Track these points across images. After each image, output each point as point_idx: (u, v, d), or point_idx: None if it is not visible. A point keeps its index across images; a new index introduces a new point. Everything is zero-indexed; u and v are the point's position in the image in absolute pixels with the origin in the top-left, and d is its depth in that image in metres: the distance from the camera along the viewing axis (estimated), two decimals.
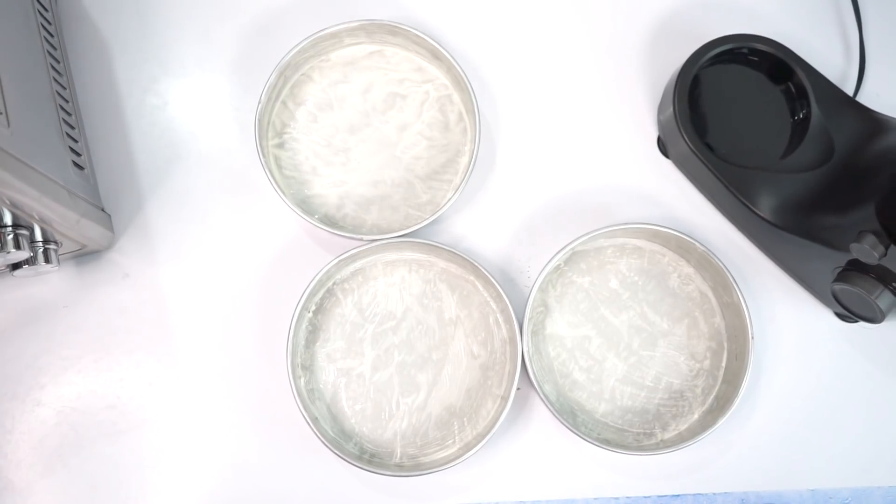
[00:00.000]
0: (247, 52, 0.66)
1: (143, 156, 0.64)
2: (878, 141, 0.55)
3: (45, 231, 0.54)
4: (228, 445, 0.60)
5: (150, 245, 0.62)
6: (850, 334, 0.61)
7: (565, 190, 0.63)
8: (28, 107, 0.54)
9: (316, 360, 0.60)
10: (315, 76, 0.64)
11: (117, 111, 0.64)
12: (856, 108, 0.57)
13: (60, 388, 0.61)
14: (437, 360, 0.60)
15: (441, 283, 0.61)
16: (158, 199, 0.63)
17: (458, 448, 0.58)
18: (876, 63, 0.64)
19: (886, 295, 0.52)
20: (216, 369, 0.61)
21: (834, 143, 0.56)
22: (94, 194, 0.60)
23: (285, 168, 0.62)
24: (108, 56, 0.66)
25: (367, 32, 0.63)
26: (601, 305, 0.61)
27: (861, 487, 0.59)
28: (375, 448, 0.59)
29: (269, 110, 0.62)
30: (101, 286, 0.62)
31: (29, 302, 0.62)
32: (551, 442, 0.60)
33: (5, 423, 0.60)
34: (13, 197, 0.50)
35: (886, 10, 0.65)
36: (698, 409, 0.59)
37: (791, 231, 0.56)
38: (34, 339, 0.61)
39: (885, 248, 0.49)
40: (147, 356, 0.61)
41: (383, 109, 0.63)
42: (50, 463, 0.60)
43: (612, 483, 0.59)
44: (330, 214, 0.62)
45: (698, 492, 0.59)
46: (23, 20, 0.58)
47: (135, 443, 0.60)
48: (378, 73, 0.64)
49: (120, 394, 0.61)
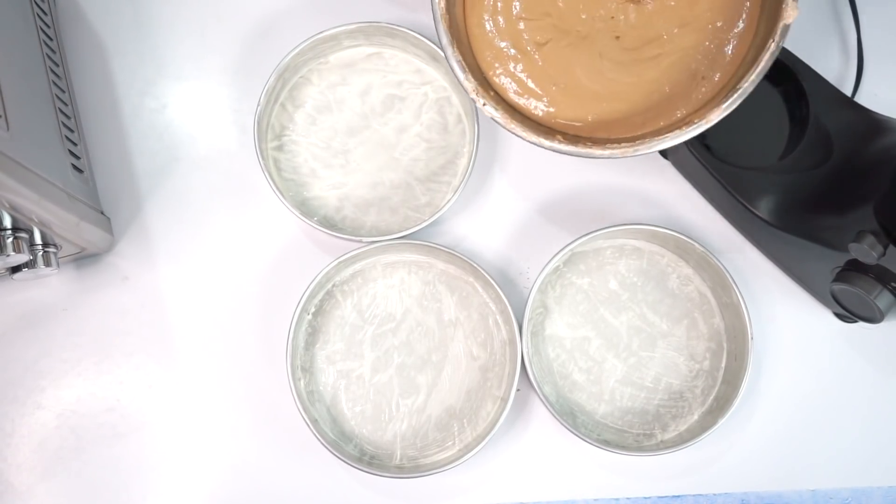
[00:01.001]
0: (245, 54, 0.66)
1: (142, 158, 0.64)
2: (877, 141, 0.55)
3: (45, 234, 0.54)
4: (228, 448, 0.60)
5: (150, 248, 0.63)
6: (850, 334, 0.61)
7: (564, 191, 0.64)
8: (27, 110, 0.54)
9: (315, 362, 0.60)
10: (314, 78, 0.64)
11: (116, 114, 0.65)
12: (854, 108, 0.57)
13: (60, 390, 0.61)
14: (437, 362, 0.60)
15: (440, 284, 0.61)
16: (157, 201, 0.63)
17: (458, 449, 0.58)
18: (874, 63, 0.64)
19: (885, 295, 0.52)
20: (216, 372, 0.61)
21: (832, 144, 0.56)
22: (93, 197, 0.61)
23: (284, 170, 0.63)
24: (107, 59, 0.66)
25: (365, 35, 0.63)
26: (600, 306, 0.61)
27: (861, 487, 0.59)
28: (375, 450, 0.59)
29: (267, 113, 0.62)
30: (100, 289, 0.62)
31: (28, 305, 0.62)
32: (551, 443, 0.60)
33: (5, 426, 0.60)
34: (12, 200, 0.50)
35: (884, 10, 0.65)
36: (698, 410, 0.59)
37: (790, 231, 0.56)
38: (34, 342, 0.61)
39: (884, 248, 0.49)
40: (147, 359, 0.61)
41: (382, 111, 0.63)
42: (50, 466, 0.60)
43: (612, 484, 0.59)
44: (329, 216, 0.62)
45: (698, 492, 0.59)
46: (21, 24, 0.58)
47: (135, 445, 0.60)
48: (377, 76, 0.64)
49: (120, 396, 0.61)
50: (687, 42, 0.54)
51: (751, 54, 0.51)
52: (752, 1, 0.53)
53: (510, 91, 0.54)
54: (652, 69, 0.54)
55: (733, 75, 0.52)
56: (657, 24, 0.54)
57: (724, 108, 0.50)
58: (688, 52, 0.54)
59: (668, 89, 0.54)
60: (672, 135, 0.50)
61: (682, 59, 0.54)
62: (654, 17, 0.54)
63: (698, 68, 0.53)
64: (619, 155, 0.50)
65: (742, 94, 0.49)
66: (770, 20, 0.50)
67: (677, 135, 0.50)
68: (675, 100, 0.53)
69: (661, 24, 0.54)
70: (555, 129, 0.53)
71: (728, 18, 0.53)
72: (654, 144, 0.50)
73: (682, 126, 0.50)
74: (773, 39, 0.49)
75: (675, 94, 0.53)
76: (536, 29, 0.55)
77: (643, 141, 0.50)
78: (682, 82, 0.54)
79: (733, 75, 0.52)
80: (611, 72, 0.54)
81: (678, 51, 0.54)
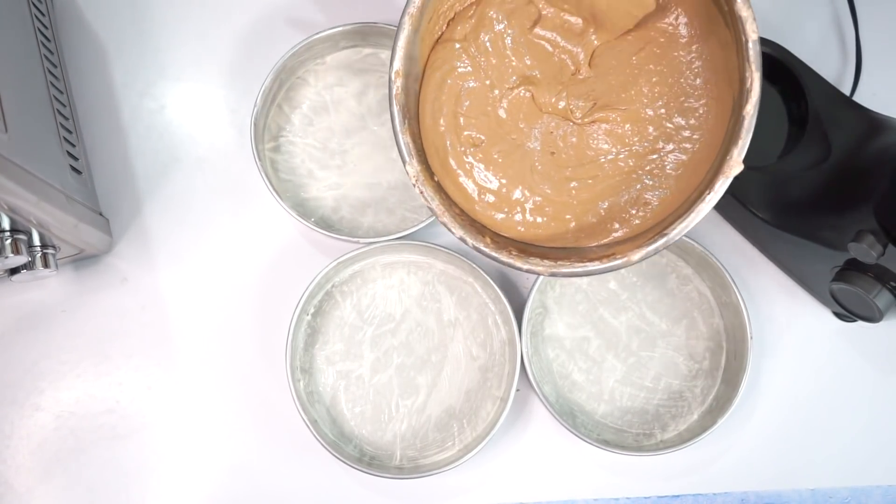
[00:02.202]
0: (242, 55, 0.66)
1: (141, 159, 0.64)
2: (876, 140, 0.55)
3: (43, 235, 0.54)
4: (228, 449, 0.60)
5: (149, 249, 0.63)
6: (849, 334, 0.61)
7: None
8: (25, 111, 0.54)
9: (315, 362, 0.60)
10: (310, 79, 0.64)
11: (114, 115, 0.64)
12: (853, 107, 0.57)
13: (59, 392, 0.61)
14: (437, 362, 0.60)
15: (440, 284, 0.61)
16: (156, 202, 0.63)
17: (457, 450, 0.58)
18: (873, 62, 0.64)
19: (885, 294, 0.52)
20: (215, 373, 0.61)
21: (831, 143, 0.56)
22: (91, 198, 0.60)
23: (281, 171, 0.63)
24: (105, 60, 0.66)
25: (362, 35, 0.63)
26: (600, 306, 0.61)
27: (860, 486, 0.59)
28: (375, 450, 0.59)
29: (264, 114, 0.62)
30: (99, 290, 0.62)
31: (27, 307, 0.62)
32: (551, 443, 0.60)
33: (4, 427, 0.60)
34: (11, 201, 0.50)
35: (883, 8, 0.65)
36: (697, 410, 0.59)
37: (789, 231, 0.56)
38: (33, 343, 0.61)
39: (884, 248, 0.49)
40: (146, 360, 0.61)
41: (378, 112, 0.63)
42: (49, 468, 0.60)
43: (612, 484, 0.59)
44: (326, 217, 0.62)
45: (698, 492, 0.59)
46: (19, 25, 0.58)
47: (134, 447, 0.60)
48: (373, 76, 0.64)
49: (119, 398, 0.61)
50: (625, 168, 0.52)
51: (682, 208, 0.49)
52: (704, 142, 0.51)
53: (449, 184, 0.53)
54: (585, 191, 0.53)
55: (676, 209, 0.50)
56: (595, 146, 0.53)
57: (645, 252, 0.47)
58: (625, 179, 0.52)
59: (602, 213, 0.52)
60: (592, 265, 0.48)
61: (618, 185, 0.52)
62: (593, 138, 0.53)
63: (635, 196, 0.52)
64: (539, 272, 0.49)
65: (667, 241, 0.47)
66: (716, 167, 0.48)
67: (598, 266, 0.48)
68: (608, 223, 0.52)
69: (599, 147, 0.53)
70: (486, 230, 0.52)
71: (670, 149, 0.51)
72: (574, 269, 0.49)
73: (604, 258, 0.48)
74: (711, 190, 0.47)
75: (609, 217, 0.52)
76: (478, 129, 0.53)
77: (564, 263, 0.49)
78: (616, 207, 0.52)
79: (676, 209, 0.50)
80: (543, 186, 0.53)
81: (615, 176, 0.52)
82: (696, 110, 0.51)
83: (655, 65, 0.52)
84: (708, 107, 0.51)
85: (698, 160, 0.51)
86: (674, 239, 0.48)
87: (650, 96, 0.52)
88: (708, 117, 0.51)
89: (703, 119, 0.51)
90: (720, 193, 0.47)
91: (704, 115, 0.51)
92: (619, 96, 0.53)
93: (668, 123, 0.52)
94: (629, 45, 0.53)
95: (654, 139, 0.52)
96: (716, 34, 0.50)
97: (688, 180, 0.51)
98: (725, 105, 0.49)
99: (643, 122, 0.52)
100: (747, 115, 0.46)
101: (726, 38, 0.48)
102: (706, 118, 0.51)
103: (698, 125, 0.51)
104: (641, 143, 0.52)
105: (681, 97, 0.52)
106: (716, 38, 0.50)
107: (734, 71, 0.48)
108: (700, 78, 0.51)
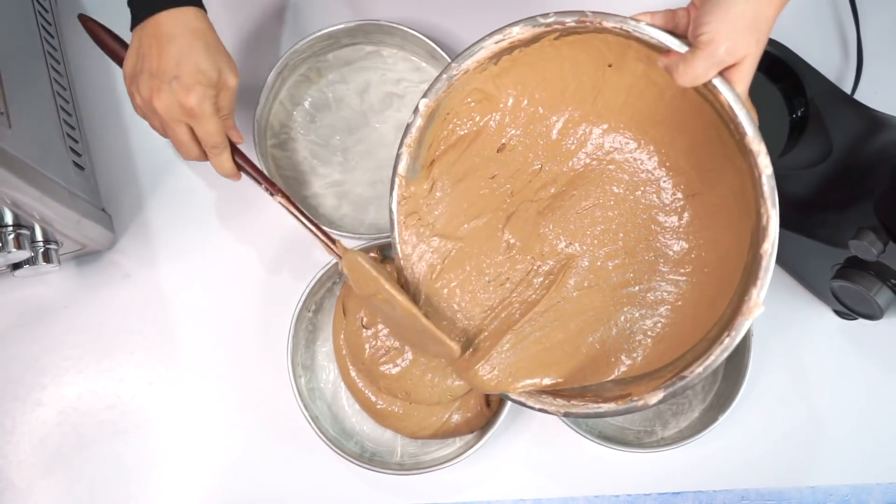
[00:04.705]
0: (244, 52, 0.66)
1: (143, 156, 0.64)
2: (876, 138, 0.55)
3: (46, 231, 0.55)
4: (229, 445, 0.60)
5: (151, 245, 0.63)
6: (850, 331, 0.61)
7: None
8: (29, 107, 0.54)
9: (316, 359, 0.60)
10: (312, 77, 0.64)
11: (117, 112, 0.65)
12: (853, 105, 0.57)
13: (61, 388, 0.61)
14: None
15: None
16: (158, 199, 0.63)
17: (458, 446, 0.58)
18: (873, 61, 0.64)
19: (885, 291, 0.52)
20: (217, 369, 0.61)
21: (832, 141, 0.56)
22: (94, 194, 0.61)
23: (284, 168, 0.63)
24: (108, 57, 0.66)
25: (364, 33, 0.63)
26: None
27: (861, 484, 0.59)
28: (376, 447, 0.59)
29: (266, 111, 0.62)
30: (101, 286, 0.62)
31: (30, 302, 0.62)
32: (552, 440, 0.60)
33: (6, 423, 0.60)
34: (14, 196, 0.50)
35: (884, 8, 0.65)
36: (698, 407, 0.59)
37: (790, 229, 0.56)
38: (35, 339, 0.61)
39: (884, 245, 0.49)
40: (148, 356, 0.61)
41: (380, 109, 0.63)
42: (51, 463, 0.60)
43: (613, 481, 0.59)
44: (328, 214, 0.62)
45: (699, 489, 0.59)
46: (23, 21, 0.59)
47: (136, 442, 0.60)
48: (375, 74, 0.64)
49: (121, 394, 0.61)
50: (596, 304, 0.51)
51: (701, 346, 0.46)
52: (714, 276, 0.49)
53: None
54: (558, 331, 0.51)
55: (693, 344, 0.47)
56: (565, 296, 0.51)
57: (663, 395, 0.45)
58: (601, 314, 0.51)
59: (596, 347, 0.51)
60: (608, 406, 0.47)
61: (594, 320, 0.51)
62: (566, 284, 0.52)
63: (626, 329, 0.50)
64: (551, 412, 0.49)
65: (686, 384, 0.45)
66: (734, 305, 0.45)
67: (613, 407, 0.47)
68: (607, 357, 0.50)
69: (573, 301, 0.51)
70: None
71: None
72: (588, 410, 0.48)
73: (619, 399, 0.47)
74: (731, 332, 0.44)
75: (605, 353, 0.50)
76: (451, 266, 0.54)
77: (577, 403, 0.48)
78: (608, 341, 0.51)
79: (693, 344, 0.47)
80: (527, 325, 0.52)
81: (587, 311, 0.51)
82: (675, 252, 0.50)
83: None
84: (704, 249, 0.50)
85: (700, 291, 0.49)
86: (693, 382, 0.45)
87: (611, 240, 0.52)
88: (709, 256, 0.49)
89: (697, 258, 0.50)
90: (742, 333, 0.44)
91: (697, 257, 0.50)
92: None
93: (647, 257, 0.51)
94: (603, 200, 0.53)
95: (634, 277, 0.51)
96: (732, 162, 0.47)
97: (694, 308, 0.49)
98: (742, 236, 0.47)
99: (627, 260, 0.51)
100: (765, 255, 0.43)
101: (741, 166, 0.46)
102: (701, 257, 0.50)
103: (691, 268, 0.50)
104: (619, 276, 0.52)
105: (649, 238, 0.51)
106: (732, 166, 0.47)
107: (751, 201, 0.45)
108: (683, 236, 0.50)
